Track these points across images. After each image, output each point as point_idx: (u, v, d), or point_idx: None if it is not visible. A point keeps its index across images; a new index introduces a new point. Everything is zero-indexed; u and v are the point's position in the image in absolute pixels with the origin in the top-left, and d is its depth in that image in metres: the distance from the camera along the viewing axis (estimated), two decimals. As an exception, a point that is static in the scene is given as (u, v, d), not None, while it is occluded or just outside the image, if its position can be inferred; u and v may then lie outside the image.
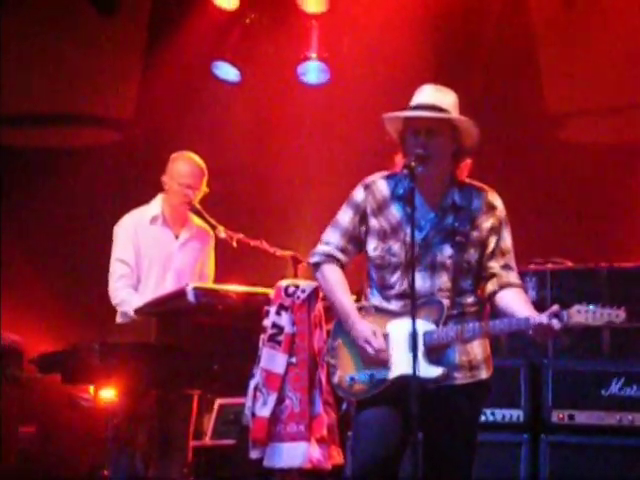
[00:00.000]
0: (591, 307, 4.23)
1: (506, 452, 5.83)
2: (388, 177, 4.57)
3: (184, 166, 6.13)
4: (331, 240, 4.60)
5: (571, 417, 5.82)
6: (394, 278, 4.50)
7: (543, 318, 4.25)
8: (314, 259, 4.63)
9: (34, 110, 8.71)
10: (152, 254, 6.12)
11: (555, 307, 4.26)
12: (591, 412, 5.80)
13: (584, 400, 5.81)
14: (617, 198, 7.66)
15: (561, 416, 5.83)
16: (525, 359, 5.95)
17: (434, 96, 4.48)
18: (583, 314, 4.24)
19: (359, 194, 4.58)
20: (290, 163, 8.51)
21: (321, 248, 4.61)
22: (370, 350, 4.40)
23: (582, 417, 5.81)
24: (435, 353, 4.40)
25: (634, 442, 5.69)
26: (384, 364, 4.40)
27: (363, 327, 4.44)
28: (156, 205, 6.20)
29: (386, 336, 4.43)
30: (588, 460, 5.72)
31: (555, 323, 4.24)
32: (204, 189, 6.16)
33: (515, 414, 5.88)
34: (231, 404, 7.07)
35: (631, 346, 6.09)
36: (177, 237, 6.21)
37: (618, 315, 4.23)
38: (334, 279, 4.57)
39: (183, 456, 5.97)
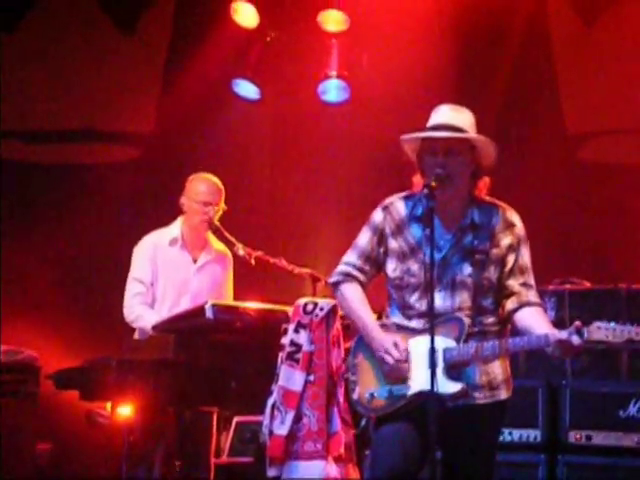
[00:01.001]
0: (612, 324, 4.23)
1: (523, 472, 5.82)
2: (406, 198, 4.59)
3: (201, 185, 6.15)
4: (350, 260, 4.62)
5: (588, 438, 5.81)
6: (414, 298, 4.50)
7: (563, 334, 4.25)
8: (333, 279, 4.65)
9: (53, 126, 8.74)
10: (169, 276, 6.14)
11: (577, 323, 4.25)
12: (608, 433, 5.79)
13: (602, 421, 5.80)
14: (637, 219, 7.63)
15: (578, 437, 5.81)
16: (543, 380, 5.94)
17: (451, 116, 4.49)
18: (603, 331, 4.23)
19: (378, 216, 4.59)
20: (309, 181, 8.53)
21: (340, 268, 4.64)
22: (390, 360, 4.40)
23: (599, 438, 5.80)
24: (455, 370, 4.40)
25: (651, 463, 5.67)
26: (404, 376, 4.40)
27: (384, 338, 4.45)
28: (176, 227, 6.21)
29: (407, 353, 4.43)
30: (605, 481, 5.71)
31: (575, 339, 4.23)
32: (222, 206, 6.18)
33: (533, 434, 5.87)
34: (248, 422, 7.06)
35: (649, 368, 6.08)
36: (195, 261, 6.21)
37: (638, 333, 4.22)
38: (353, 296, 4.59)
39: (206, 475, 5.97)
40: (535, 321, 4.42)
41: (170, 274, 6.14)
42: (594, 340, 4.24)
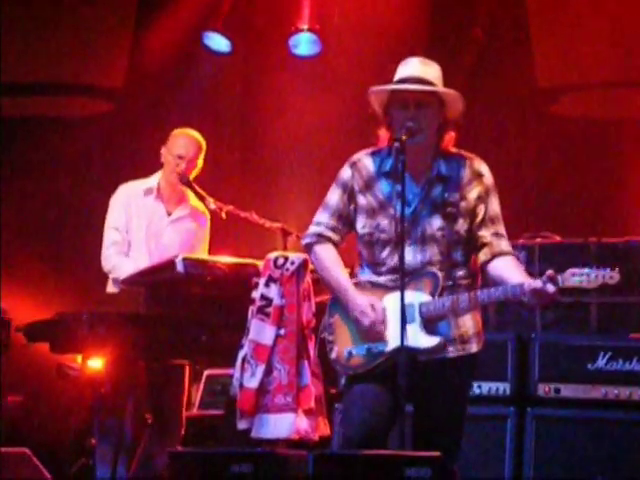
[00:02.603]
0: (586, 270, 4.26)
1: (492, 425, 5.85)
2: (373, 154, 4.58)
3: (180, 139, 6.14)
4: (321, 220, 4.60)
5: (557, 390, 5.84)
6: (384, 254, 4.51)
7: (538, 283, 4.27)
8: (306, 241, 4.64)
9: (24, 79, 8.65)
10: (140, 225, 6.11)
11: (550, 271, 4.27)
12: (577, 386, 5.82)
13: (570, 374, 5.83)
14: (606, 173, 7.66)
15: (547, 389, 5.85)
16: (513, 333, 5.96)
17: (421, 69, 4.48)
18: (578, 277, 4.26)
19: (346, 173, 4.58)
20: (280, 134, 8.49)
21: (312, 229, 4.63)
22: (365, 321, 4.42)
23: (568, 391, 5.84)
24: (431, 325, 4.42)
25: (619, 416, 5.71)
26: (380, 337, 4.42)
27: (360, 300, 4.45)
28: (154, 178, 6.20)
29: (383, 310, 4.45)
30: (573, 433, 5.75)
31: (550, 287, 4.26)
32: (199, 164, 6.15)
33: (502, 387, 5.90)
34: (219, 375, 7.09)
35: (618, 321, 6.11)
36: (170, 214, 6.19)
37: (612, 277, 4.25)
38: (327, 257, 4.59)
39: (177, 428, 5.98)
40: (509, 271, 4.44)
41: (142, 223, 6.12)
42: (569, 286, 4.27)
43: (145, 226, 6.12)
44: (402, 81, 4.46)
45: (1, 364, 6.93)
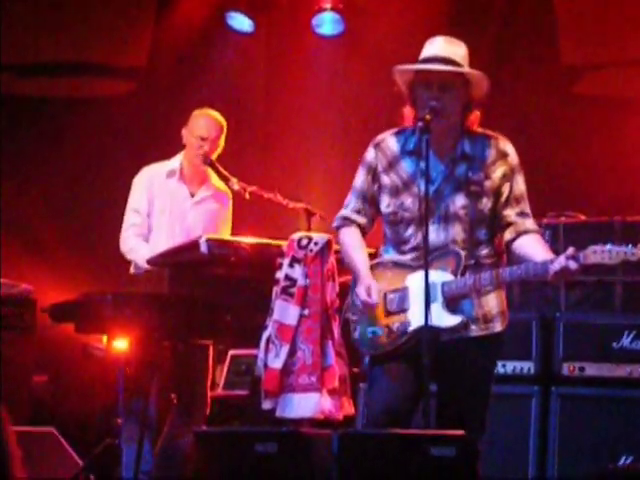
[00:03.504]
0: (607, 247, 4.25)
1: (517, 404, 5.85)
2: (397, 133, 4.59)
3: (201, 120, 6.12)
4: (349, 203, 4.66)
5: (582, 369, 5.84)
6: (408, 233, 4.51)
7: (561, 260, 4.26)
8: (335, 224, 4.72)
9: (44, 59, 8.67)
10: (164, 208, 6.11)
11: (571, 249, 4.27)
12: (601, 364, 5.82)
13: (595, 353, 5.82)
14: (631, 152, 7.62)
15: (572, 368, 5.85)
16: (537, 312, 5.96)
17: (446, 48, 4.47)
18: (599, 254, 4.25)
19: (370, 154, 4.60)
20: (303, 115, 8.48)
21: (340, 213, 4.69)
22: (357, 302, 4.48)
23: (592, 369, 5.83)
24: (454, 303, 4.42)
25: (643, 394, 5.71)
26: (404, 312, 4.42)
27: (362, 282, 4.48)
28: (176, 160, 6.19)
29: (405, 290, 4.46)
30: (598, 412, 5.75)
31: (572, 264, 4.25)
32: (221, 144, 6.15)
33: (526, 366, 5.90)
34: (243, 355, 7.12)
35: (643, 300, 6.10)
36: (193, 195, 6.19)
37: (634, 253, 4.23)
38: (349, 241, 4.63)
39: (202, 407, 6.01)
40: (533, 249, 4.44)
41: (165, 206, 6.12)
42: (591, 263, 4.26)
43: (169, 208, 6.13)
44: (426, 60, 4.45)
45: (27, 345, 7.00)
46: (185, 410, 5.96)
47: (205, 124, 6.11)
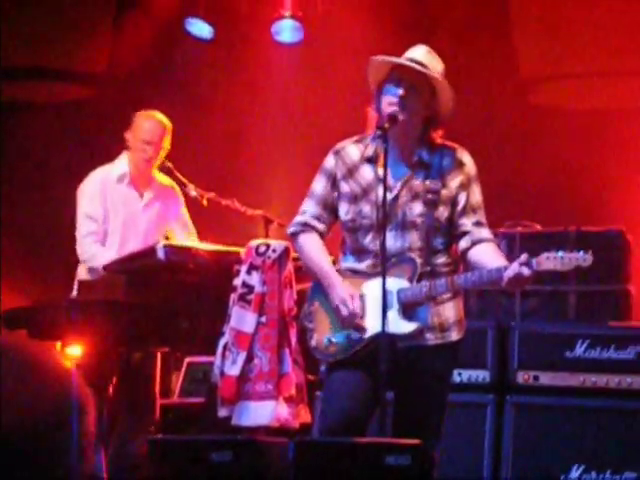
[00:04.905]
0: (559, 253, 4.28)
1: (472, 413, 5.87)
2: (357, 141, 4.60)
3: (145, 122, 6.11)
4: (307, 209, 4.63)
5: (536, 378, 5.87)
6: (367, 240, 4.52)
7: (514, 266, 4.28)
8: (291, 229, 4.67)
9: (2, 63, 8.58)
10: (118, 213, 6.10)
11: (524, 256, 4.29)
12: (555, 373, 5.85)
13: (549, 362, 5.86)
14: (587, 163, 7.68)
15: (526, 377, 5.88)
16: (493, 321, 5.99)
17: (427, 57, 4.52)
18: (552, 260, 4.28)
19: (329, 161, 4.61)
20: (262, 122, 8.47)
21: (297, 218, 4.65)
22: (344, 312, 4.43)
23: (547, 378, 5.86)
24: (410, 310, 4.43)
25: (596, 403, 5.75)
26: (356, 327, 4.44)
27: (341, 289, 4.47)
28: (122, 164, 6.16)
29: (362, 297, 4.47)
30: (552, 421, 5.78)
31: (525, 270, 4.27)
32: (166, 146, 6.12)
33: (482, 375, 5.92)
34: (200, 362, 7.08)
35: (596, 309, 6.15)
36: (142, 197, 6.18)
37: (585, 259, 4.27)
38: (311, 245, 4.61)
39: (151, 414, 5.98)
40: (488, 256, 4.46)
41: (119, 211, 6.10)
42: (543, 270, 4.28)
43: (122, 213, 6.10)
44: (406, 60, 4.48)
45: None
46: (134, 417, 5.93)
47: (149, 127, 6.08)
